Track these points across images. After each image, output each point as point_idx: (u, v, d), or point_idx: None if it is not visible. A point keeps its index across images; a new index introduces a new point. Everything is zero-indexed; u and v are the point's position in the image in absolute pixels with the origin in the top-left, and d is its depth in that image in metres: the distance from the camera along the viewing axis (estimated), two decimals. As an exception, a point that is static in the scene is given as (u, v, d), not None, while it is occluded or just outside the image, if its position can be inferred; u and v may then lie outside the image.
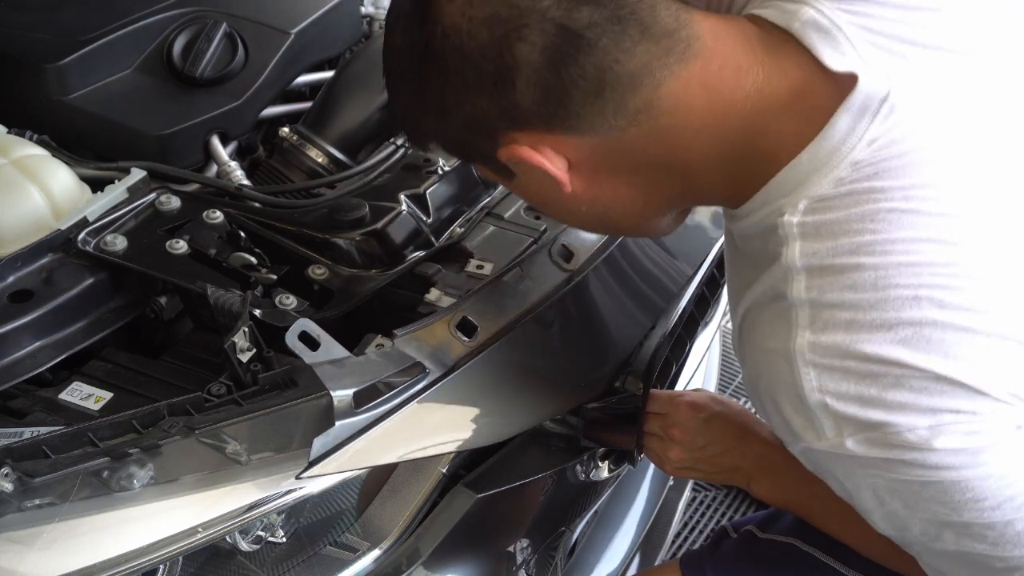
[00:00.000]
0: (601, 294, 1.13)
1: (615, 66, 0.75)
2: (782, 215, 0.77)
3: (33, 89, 1.29)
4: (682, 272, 1.25)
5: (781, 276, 0.77)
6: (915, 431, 0.72)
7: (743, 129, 0.78)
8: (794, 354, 0.75)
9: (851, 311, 0.73)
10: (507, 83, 0.76)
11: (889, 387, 0.72)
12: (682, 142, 0.79)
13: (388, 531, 0.99)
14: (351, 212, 1.13)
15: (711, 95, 0.77)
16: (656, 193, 0.86)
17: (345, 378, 0.89)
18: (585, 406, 1.08)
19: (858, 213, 0.74)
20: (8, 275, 1.04)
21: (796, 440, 0.78)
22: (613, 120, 0.78)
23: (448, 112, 0.81)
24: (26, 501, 0.83)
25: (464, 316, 1.00)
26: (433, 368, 0.96)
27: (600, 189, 0.84)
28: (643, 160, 0.81)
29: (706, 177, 0.82)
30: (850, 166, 0.75)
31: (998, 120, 0.79)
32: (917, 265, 0.73)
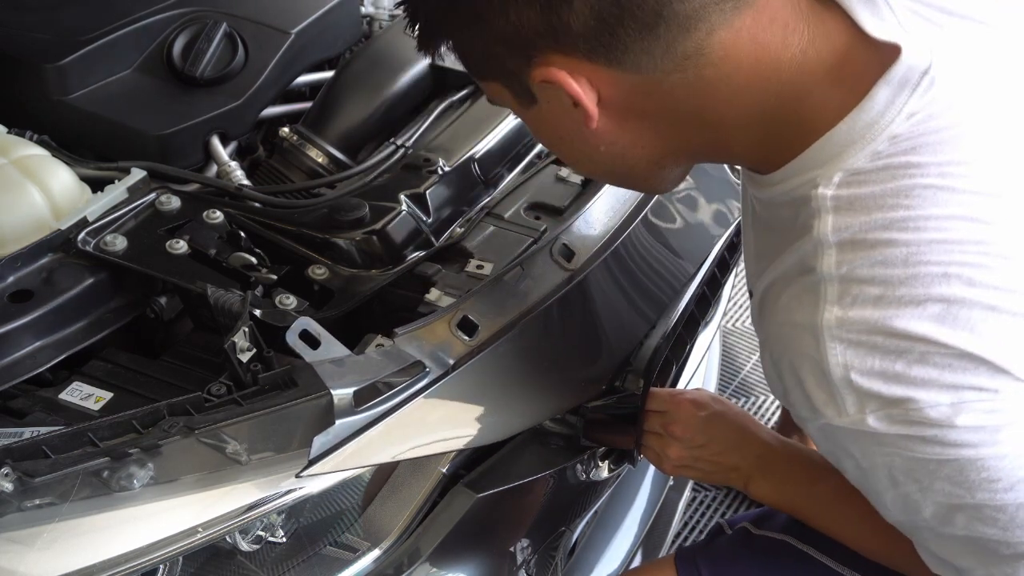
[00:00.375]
0: (602, 293, 1.13)
1: (675, 3, 0.72)
2: (816, 187, 0.76)
3: (33, 89, 1.29)
4: (683, 271, 1.25)
5: (811, 249, 0.76)
6: (937, 407, 0.72)
7: (785, 92, 0.77)
8: (821, 329, 0.75)
9: (881, 287, 0.73)
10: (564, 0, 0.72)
11: (914, 363, 0.72)
12: (723, 96, 0.77)
13: (388, 531, 0.99)
14: (351, 212, 1.13)
15: (759, 51, 0.75)
16: (680, 143, 0.83)
17: (345, 377, 0.89)
18: (585, 406, 1.08)
19: (893, 188, 0.74)
20: (8, 275, 1.04)
21: (816, 416, 0.78)
22: (660, 61, 0.75)
23: (484, 18, 0.75)
24: (26, 501, 0.83)
25: (465, 315, 1.00)
26: (434, 367, 0.96)
27: (624, 131, 0.81)
28: (678, 108, 0.78)
29: (739, 136, 0.80)
30: (888, 140, 0.74)
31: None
32: (949, 243, 0.73)
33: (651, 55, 0.74)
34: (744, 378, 2.26)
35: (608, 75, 0.76)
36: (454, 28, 0.79)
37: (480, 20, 0.75)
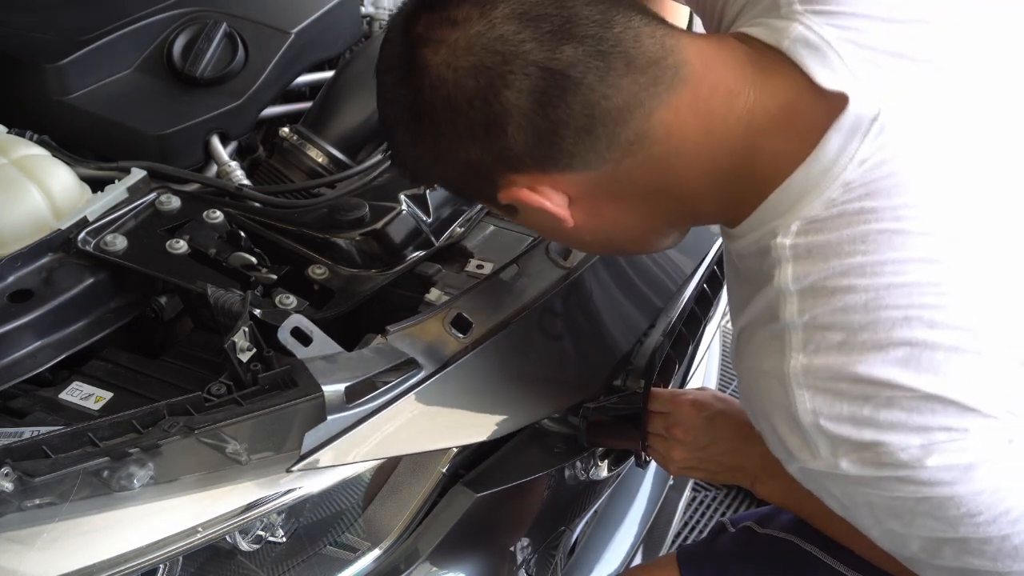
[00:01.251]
0: (599, 292, 1.12)
1: (603, 102, 0.75)
2: (775, 236, 0.77)
3: (33, 89, 1.29)
4: (683, 269, 1.25)
5: (774, 297, 0.77)
6: (907, 450, 0.72)
7: (737, 151, 0.78)
8: (788, 376, 0.76)
9: (843, 333, 0.74)
10: (498, 129, 0.77)
11: (881, 407, 0.73)
12: (677, 168, 0.80)
13: (388, 531, 0.99)
14: (351, 212, 1.13)
15: (703, 120, 0.77)
16: (656, 217, 0.86)
17: (337, 373, 0.90)
18: (586, 406, 1.08)
19: (849, 235, 0.74)
20: (8, 275, 1.04)
21: (792, 459, 0.79)
22: (607, 153, 0.78)
23: (445, 159, 0.82)
24: (26, 501, 0.83)
25: (459, 313, 1.00)
26: (427, 364, 0.96)
27: (602, 219, 0.85)
28: (641, 188, 0.81)
29: (703, 199, 0.83)
30: (841, 187, 0.75)
31: (986, 133, 0.78)
32: (907, 286, 0.73)
33: (597, 151, 0.78)
34: (744, 378, 2.26)
35: (566, 178, 0.80)
36: (429, 170, 0.86)
37: (444, 161, 0.82)
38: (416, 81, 0.78)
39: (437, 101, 0.78)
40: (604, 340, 1.13)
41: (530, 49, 0.74)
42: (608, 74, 0.75)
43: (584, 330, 1.11)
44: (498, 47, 0.75)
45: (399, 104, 0.81)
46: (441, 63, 0.76)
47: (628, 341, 1.13)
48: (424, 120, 0.80)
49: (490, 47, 0.75)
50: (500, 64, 0.75)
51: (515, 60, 0.75)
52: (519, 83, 0.75)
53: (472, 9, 0.76)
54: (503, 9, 0.75)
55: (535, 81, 0.75)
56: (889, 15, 0.79)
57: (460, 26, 0.76)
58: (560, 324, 1.08)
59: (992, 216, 0.76)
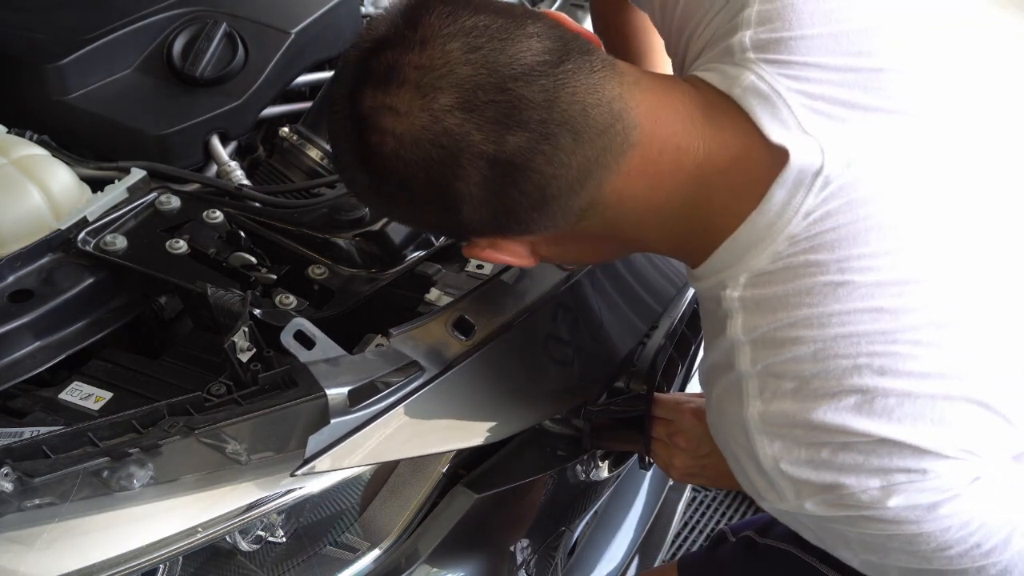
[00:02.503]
0: (601, 293, 1.12)
1: (553, 181, 0.76)
2: (724, 288, 0.79)
3: (33, 89, 1.29)
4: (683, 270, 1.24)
5: (729, 347, 0.79)
6: (867, 492, 0.73)
7: (686, 206, 0.79)
8: (748, 422, 0.77)
9: (795, 381, 0.75)
10: (453, 211, 0.78)
11: (838, 451, 0.74)
12: (629, 225, 0.81)
13: (388, 531, 0.99)
14: (351, 212, 1.13)
15: (651, 181, 0.78)
16: (618, 250, 0.94)
17: (340, 376, 0.89)
18: (589, 409, 1.08)
19: (795, 288, 0.75)
20: (8, 275, 1.04)
21: (761, 499, 0.80)
22: (563, 220, 0.80)
23: (410, 222, 0.92)
24: (26, 501, 0.83)
25: (461, 315, 1.00)
26: (429, 367, 0.96)
27: (567, 253, 0.90)
28: (597, 239, 0.84)
29: (660, 245, 0.87)
30: (786, 240, 0.75)
31: (941, 178, 0.78)
32: (855, 336, 0.74)
33: (552, 219, 0.80)
34: (744, 378, 2.26)
35: (526, 238, 0.83)
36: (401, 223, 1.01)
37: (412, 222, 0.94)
38: (370, 164, 0.78)
39: (393, 184, 0.78)
40: (606, 342, 1.12)
41: (476, 141, 0.74)
42: (556, 154, 0.75)
43: (586, 332, 1.11)
44: (444, 142, 0.74)
45: (356, 178, 0.81)
46: (390, 154, 0.76)
47: (630, 343, 1.12)
48: (384, 195, 0.81)
49: (436, 142, 0.74)
50: (448, 158, 0.74)
51: (462, 154, 0.74)
52: (468, 175, 0.75)
53: (413, 99, 0.74)
54: (444, 100, 0.73)
55: (484, 172, 0.75)
56: (843, 64, 0.78)
57: (403, 118, 0.74)
58: (562, 326, 1.08)
59: (941, 259, 0.76)
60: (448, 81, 0.73)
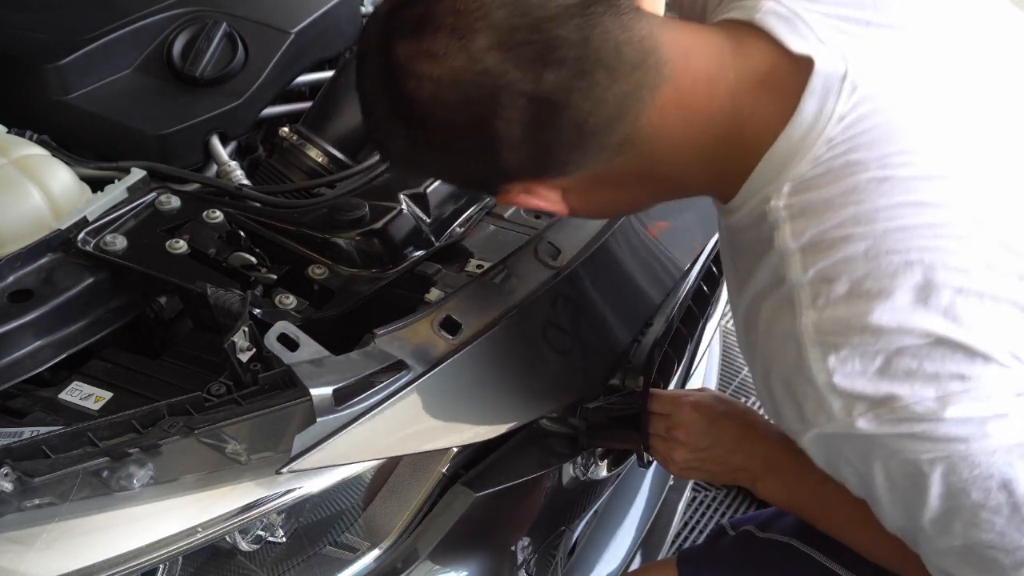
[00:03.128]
0: (590, 291, 1.12)
1: (591, 118, 0.78)
2: (768, 201, 0.79)
3: (33, 89, 1.29)
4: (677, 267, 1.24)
5: (778, 260, 0.79)
6: (922, 403, 0.73)
7: (721, 133, 0.81)
8: (801, 334, 0.77)
9: (848, 283, 0.75)
10: (491, 153, 0.80)
11: (893, 358, 0.73)
12: (666, 158, 0.82)
13: (388, 531, 0.99)
14: (351, 212, 1.13)
15: (687, 113, 0.80)
16: (648, 195, 0.91)
17: (324, 376, 0.89)
18: (585, 407, 1.08)
19: (839, 188, 0.77)
20: (8, 275, 1.04)
21: (807, 426, 0.79)
22: (599, 157, 0.81)
23: (444, 174, 0.90)
24: (26, 501, 0.83)
25: (448, 314, 0.99)
26: (416, 366, 0.95)
27: (596, 202, 0.89)
28: (632, 178, 0.85)
29: (694, 179, 0.86)
30: (824, 144, 0.77)
31: (950, 89, 0.82)
32: (903, 229, 0.75)
33: (588, 158, 0.81)
34: (744, 378, 2.26)
35: (560, 181, 0.84)
36: (430, 178, 0.98)
37: (443, 175, 0.92)
38: (406, 111, 0.79)
39: (429, 131, 0.79)
40: (599, 339, 1.12)
41: (515, 79, 0.75)
42: (593, 90, 0.77)
43: (578, 329, 1.11)
44: (484, 81, 0.75)
45: (393, 128, 0.82)
46: (428, 98, 0.77)
47: (624, 340, 1.12)
48: (419, 143, 0.82)
49: (476, 82, 0.76)
50: (487, 97, 0.76)
51: (502, 92, 0.76)
52: (508, 114, 0.76)
53: (450, 41, 0.75)
54: (482, 41, 0.75)
55: (524, 110, 0.76)
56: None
57: (441, 61, 0.76)
58: (552, 324, 1.08)
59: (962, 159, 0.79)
60: (484, 23, 0.75)
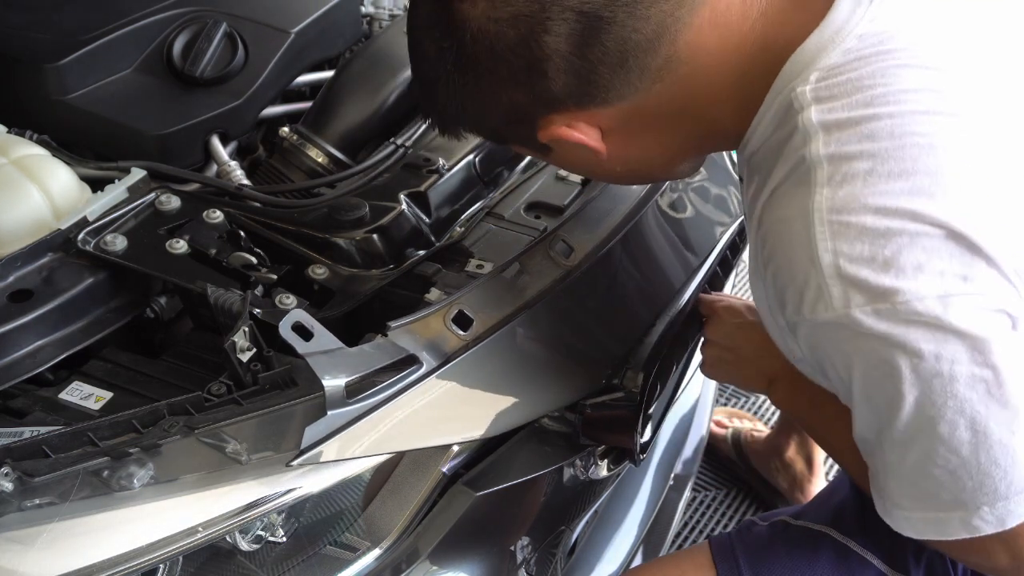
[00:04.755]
0: (600, 290, 1.13)
1: (634, 35, 0.79)
2: (794, 90, 0.80)
3: (33, 89, 1.29)
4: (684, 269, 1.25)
5: (800, 142, 0.79)
6: (924, 300, 0.72)
7: (754, 51, 0.82)
8: (811, 212, 0.76)
9: (869, 161, 0.75)
10: (539, 73, 0.81)
11: (903, 247, 0.73)
12: (701, 83, 0.83)
13: (388, 530, 0.99)
14: (351, 212, 1.13)
15: (722, 32, 0.81)
16: (682, 141, 0.91)
17: (337, 368, 0.90)
18: (583, 403, 1.08)
19: (869, 71, 0.78)
20: (8, 275, 1.04)
21: (801, 318, 0.78)
22: (639, 83, 0.83)
23: (486, 106, 0.87)
24: (26, 501, 0.83)
25: (460, 309, 1.00)
26: (427, 360, 0.96)
27: (632, 148, 0.89)
28: (669, 111, 0.86)
29: (724, 107, 0.86)
30: (856, 38, 0.79)
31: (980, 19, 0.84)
32: (930, 113, 0.76)
33: (629, 82, 0.82)
34: (744, 378, 2.26)
35: (601, 112, 0.85)
36: (468, 120, 0.91)
37: (485, 110, 0.87)
38: (457, 35, 0.81)
39: (480, 52, 0.81)
40: (604, 338, 1.13)
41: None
42: (636, 7, 0.78)
43: (585, 328, 1.11)
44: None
45: (440, 59, 0.84)
46: (480, 15, 0.79)
47: (628, 339, 1.13)
48: (467, 71, 0.83)
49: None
50: (538, 11, 0.78)
51: (552, 6, 0.78)
52: (557, 28, 0.78)
53: None
54: None
55: (572, 25, 0.78)
56: None
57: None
58: (561, 322, 1.08)
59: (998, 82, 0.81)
60: None
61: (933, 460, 0.77)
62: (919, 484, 0.80)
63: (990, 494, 0.77)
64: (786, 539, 1.13)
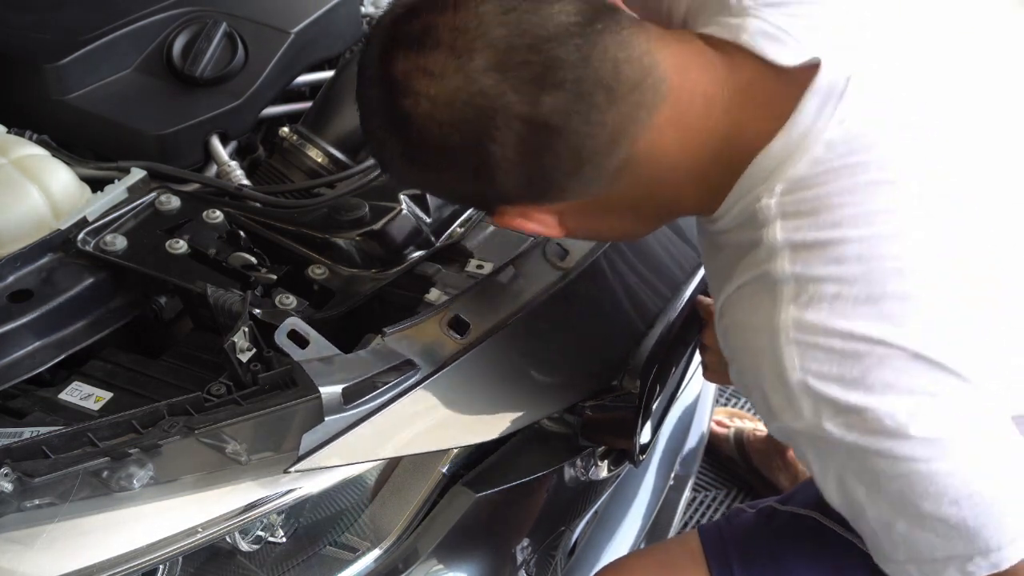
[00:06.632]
0: (597, 293, 1.12)
1: (589, 141, 0.76)
2: (759, 201, 0.78)
3: (33, 89, 1.29)
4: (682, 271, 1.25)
5: (764, 256, 0.78)
6: (893, 416, 0.73)
7: (717, 147, 0.79)
8: (778, 330, 0.76)
9: (836, 285, 0.74)
10: (486, 176, 0.78)
11: (872, 368, 0.73)
12: (662, 178, 0.81)
13: (388, 531, 0.99)
14: (351, 212, 1.13)
15: (683, 132, 0.78)
16: (641, 220, 0.90)
17: (334, 374, 0.90)
18: (582, 404, 1.08)
19: (837, 188, 0.75)
20: (8, 275, 1.04)
21: (772, 418, 0.79)
22: (596, 184, 0.80)
23: (437, 190, 0.88)
24: (26, 501, 0.83)
25: (456, 314, 0.99)
26: (424, 365, 0.95)
27: (591, 226, 0.88)
28: (628, 202, 0.83)
29: (689, 195, 0.84)
30: (824, 146, 0.76)
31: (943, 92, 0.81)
32: (900, 235, 0.74)
33: (586, 183, 0.79)
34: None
35: (558, 206, 0.82)
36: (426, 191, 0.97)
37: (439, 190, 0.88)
38: (401, 129, 0.78)
39: (424, 149, 0.78)
40: (602, 341, 1.12)
41: (511, 102, 0.73)
42: (591, 113, 0.75)
43: (582, 331, 1.11)
44: (479, 102, 0.74)
45: (386, 144, 0.81)
46: (424, 116, 0.75)
47: (627, 341, 1.12)
48: (415, 163, 0.81)
49: (471, 102, 0.74)
50: (482, 118, 0.74)
51: (497, 115, 0.74)
52: (503, 137, 0.75)
53: (448, 60, 0.74)
54: (479, 61, 0.73)
55: (519, 134, 0.74)
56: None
57: (437, 80, 0.74)
58: (558, 324, 1.08)
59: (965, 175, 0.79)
60: (483, 42, 0.73)
61: (922, 527, 0.77)
62: (912, 545, 0.79)
63: (982, 547, 0.77)
64: (773, 525, 1.14)
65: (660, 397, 1.17)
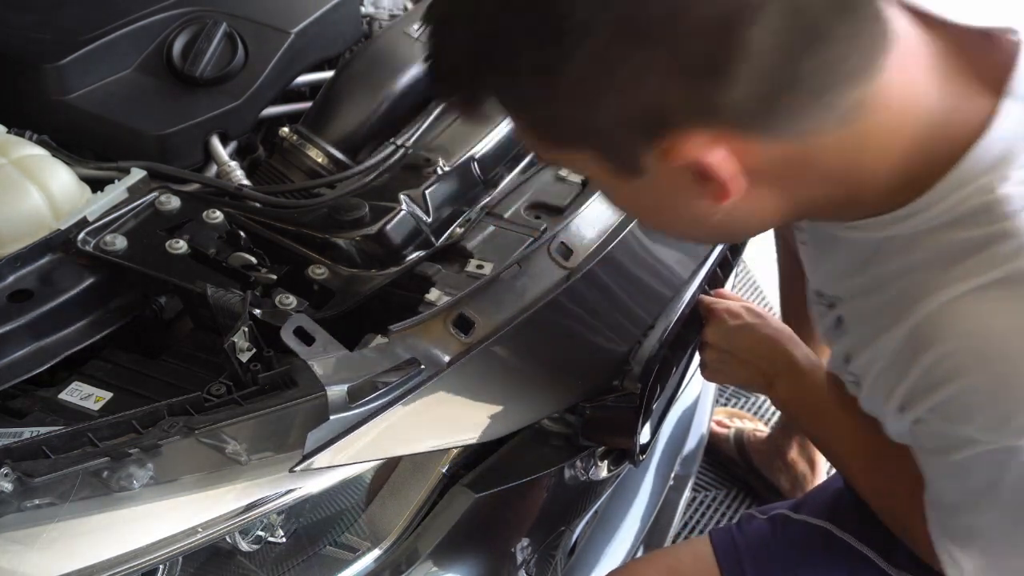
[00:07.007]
0: (600, 292, 1.12)
1: (843, 63, 0.64)
2: (993, 191, 0.68)
3: (33, 89, 1.29)
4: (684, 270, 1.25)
5: (1012, 251, 0.68)
6: None
7: (933, 117, 0.71)
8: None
9: None
10: (724, 71, 0.61)
11: None
12: (878, 142, 0.70)
13: (388, 531, 0.99)
14: (351, 212, 1.13)
15: (908, 90, 0.69)
16: (806, 205, 0.75)
17: (340, 373, 0.89)
18: (583, 404, 1.08)
19: None
20: (8, 275, 1.04)
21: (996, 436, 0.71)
22: (821, 122, 0.67)
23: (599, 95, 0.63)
24: (26, 501, 0.83)
25: (461, 313, 0.99)
26: (429, 364, 0.95)
27: (749, 199, 0.70)
28: (823, 169, 0.70)
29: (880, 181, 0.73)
30: None
31: None
32: None
33: (813, 117, 0.66)
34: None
35: (759, 145, 0.66)
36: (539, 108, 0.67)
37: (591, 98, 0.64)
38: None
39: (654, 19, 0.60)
40: (605, 340, 1.12)
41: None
42: (855, 27, 0.64)
43: (585, 330, 1.11)
44: None
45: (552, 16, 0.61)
46: None
47: (629, 341, 1.13)
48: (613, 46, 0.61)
49: None
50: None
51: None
52: (771, 23, 0.60)
53: None
54: None
55: (788, 25, 0.60)
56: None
57: None
58: (561, 324, 1.08)
59: None
60: None
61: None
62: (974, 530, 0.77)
63: None
64: (786, 534, 1.13)
65: (661, 397, 1.17)
